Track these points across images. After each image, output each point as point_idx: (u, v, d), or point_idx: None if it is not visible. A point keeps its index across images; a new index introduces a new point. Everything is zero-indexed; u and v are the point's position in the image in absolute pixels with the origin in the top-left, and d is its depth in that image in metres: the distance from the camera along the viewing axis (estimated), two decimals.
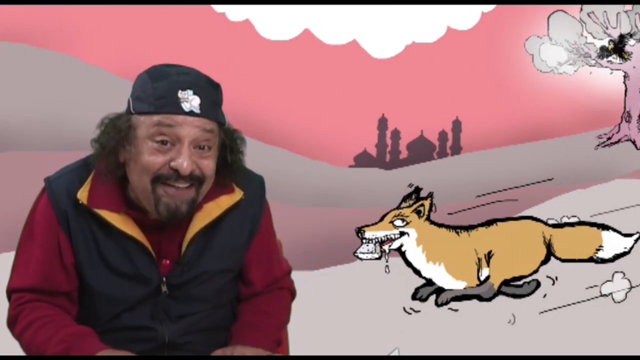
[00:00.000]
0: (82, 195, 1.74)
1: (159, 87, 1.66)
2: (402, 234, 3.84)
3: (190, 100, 1.66)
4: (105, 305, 1.79)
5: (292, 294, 2.01)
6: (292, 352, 2.13)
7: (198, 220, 1.78)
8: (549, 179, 6.15)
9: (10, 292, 1.81)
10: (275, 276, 1.96)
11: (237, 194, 1.83)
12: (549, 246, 3.95)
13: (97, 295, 1.78)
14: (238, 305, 1.93)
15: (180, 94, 1.66)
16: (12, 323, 1.80)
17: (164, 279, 1.79)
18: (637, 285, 4.06)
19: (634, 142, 6.96)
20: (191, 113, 1.66)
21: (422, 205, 3.85)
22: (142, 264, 1.77)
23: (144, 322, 1.79)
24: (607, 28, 6.92)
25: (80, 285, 1.79)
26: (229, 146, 1.77)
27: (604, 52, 6.96)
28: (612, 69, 7.03)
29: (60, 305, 1.79)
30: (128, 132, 1.69)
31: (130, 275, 1.77)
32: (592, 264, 3.98)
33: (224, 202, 1.81)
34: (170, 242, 1.78)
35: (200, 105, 1.67)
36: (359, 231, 3.82)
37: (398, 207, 3.89)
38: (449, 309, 3.98)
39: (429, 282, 3.98)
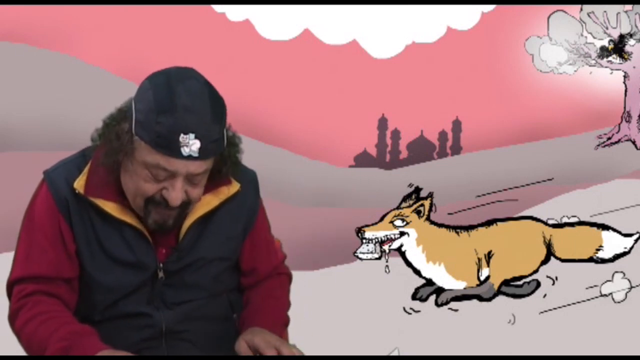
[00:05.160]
0: (79, 184, 1.76)
1: (162, 123, 1.64)
2: (402, 234, 3.84)
3: (191, 145, 1.66)
4: (103, 293, 1.80)
5: (290, 278, 2.07)
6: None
7: (196, 209, 1.81)
8: (549, 179, 6.15)
9: (12, 284, 1.82)
10: (274, 264, 2.01)
11: (235, 186, 1.86)
12: (549, 246, 3.95)
13: (95, 283, 1.80)
14: (242, 295, 1.97)
15: (182, 138, 1.65)
16: (13, 317, 1.80)
17: (161, 265, 1.81)
18: (637, 285, 4.06)
19: (634, 142, 6.96)
20: (189, 157, 1.67)
21: (422, 205, 3.85)
22: (139, 250, 1.79)
23: (140, 309, 1.81)
24: (607, 28, 6.92)
25: (79, 273, 1.81)
26: (225, 156, 1.79)
27: (604, 52, 6.96)
28: (612, 69, 7.03)
29: (62, 295, 1.80)
30: (128, 146, 1.70)
31: (128, 262, 1.79)
32: (592, 264, 3.98)
33: (222, 193, 1.84)
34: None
35: (200, 149, 1.67)
36: (359, 231, 3.82)
37: (398, 207, 3.89)
38: (449, 309, 3.98)
39: (429, 282, 3.98)
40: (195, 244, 1.83)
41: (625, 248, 3.96)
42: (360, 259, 3.87)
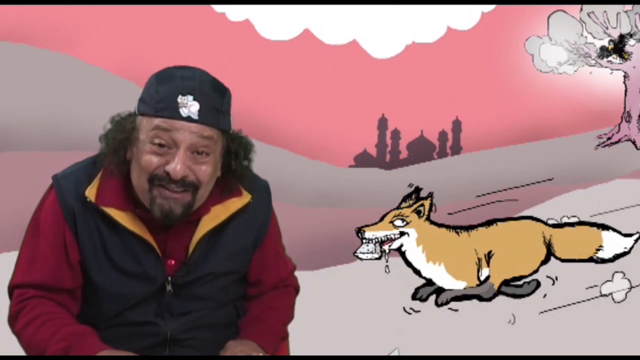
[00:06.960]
0: (90, 193, 1.75)
1: (161, 91, 1.67)
2: (402, 234, 3.84)
3: (189, 106, 1.66)
4: (109, 303, 1.79)
5: (297, 290, 2.05)
6: (293, 352, 2.13)
7: (206, 222, 1.79)
8: (549, 179, 6.14)
9: (12, 288, 1.82)
10: (281, 276, 1.98)
11: (245, 197, 1.84)
12: (549, 246, 3.95)
13: (101, 293, 1.79)
14: (245, 303, 1.96)
15: (180, 99, 1.66)
16: (13, 319, 1.80)
17: (169, 278, 1.79)
18: (637, 285, 4.05)
19: (634, 142, 6.96)
20: (188, 119, 1.66)
21: (422, 205, 3.85)
22: (147, 262, 1.77)
23: (147, 319, 1.81)
24: (607, 28, 6.92)
25: (84, 282, 1.80)
26: (233, 152, 1.78)
27: (604, 52, 6.95)
28: (612, 69, 7.03)
29: (63, 303, 1.79)
30: (132, 133, 1.70)
31: (135, 274, 1.77)
32: (592, 264, 3.98)
33: (233, 205, 1.82)
34: (177, 242, 1.78)
35: (199, 111, 1.67)
36: (359, 231, 3.82)
37: (398, 207, 3.89)
38: (449, 309, 3.98)
39: (429, 282, 3.98)
40: (205, 259, 1.81)
41: (625, 248, 3.96)
42: (360, 259, 3.87)
